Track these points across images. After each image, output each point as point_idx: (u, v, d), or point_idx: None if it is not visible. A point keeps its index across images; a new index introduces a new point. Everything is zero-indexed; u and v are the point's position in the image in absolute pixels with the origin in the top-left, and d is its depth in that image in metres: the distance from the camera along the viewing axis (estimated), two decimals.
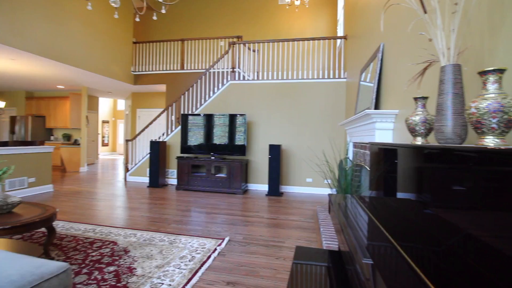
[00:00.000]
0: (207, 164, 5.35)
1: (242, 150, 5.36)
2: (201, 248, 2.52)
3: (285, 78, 5.65)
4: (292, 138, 5.50)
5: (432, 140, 1.34)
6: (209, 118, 5.55)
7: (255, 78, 5.89)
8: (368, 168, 2.30)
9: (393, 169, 1.27)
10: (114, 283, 1.88)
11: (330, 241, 2.47)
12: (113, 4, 3.00)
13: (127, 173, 6.30)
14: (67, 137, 8.83)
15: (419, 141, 1.30)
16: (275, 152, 5.03)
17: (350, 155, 3.70)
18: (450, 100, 0.97)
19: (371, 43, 3.09)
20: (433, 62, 1.22)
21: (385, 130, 2.25)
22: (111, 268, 2.09)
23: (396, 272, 0.68)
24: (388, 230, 0.94)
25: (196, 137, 5.62)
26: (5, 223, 1.90)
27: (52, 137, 8.94)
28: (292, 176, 5.50)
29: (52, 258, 2.21)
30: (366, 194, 2.41)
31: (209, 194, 5.06)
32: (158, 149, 5.56)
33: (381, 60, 2.56)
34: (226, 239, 2.79)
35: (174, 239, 2.72)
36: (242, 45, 6.11)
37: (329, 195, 1.73)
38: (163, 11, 3.30)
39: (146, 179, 6.11)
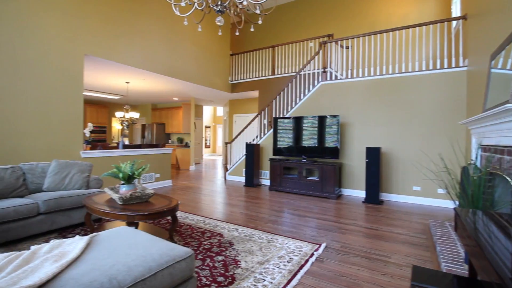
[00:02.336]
0: (298, 166, 5.37)
1: (335, 152, 5.14)
2: (298, 251, 2.54)
3: (384, 73, 5.10)
4: (394, 140, 4.91)
5: None
6: (299, 121, 5.56)
7: (349, 76, 5.55)
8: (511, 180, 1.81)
9: None
10: (223, 271, 2.11)
11: (452, 264, 2.07)
12: (218, 23, 3.38)
13: (226, 173, 6.98)
14: (180, 140, 10.49)
15: None
16: (374, 155, 4.59)
17: (477, 161, 3.01)
18: None
19: (509, 19, 2.43)
20: None
21: None
22: (220, 258, 2.35)
23: None
24: None
25: (287, 140, 5.73)
26: (145, 210, 2.40)
27: (169, 141, 10.82)
28: (394, 182, 4.90)
29: (175, 243, 2.65)
30: (507, 211, 1.90)
31: (301, 197, 5.06)
32: (252, 151, 5.95)
33: None
34: (323, 245, 2.71)
35: (271, 238, 2.83)
36: (333, 43, 5.88)
37: (456, 209, 1.45)
38: (260, 22, 3.51)
39: (242, 179, 6.63)
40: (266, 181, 6.27)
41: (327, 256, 2.50)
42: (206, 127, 15.16)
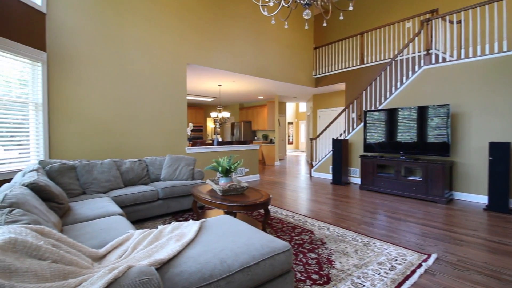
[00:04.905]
0: (395, 164, 4.79)
1: (443, 149, 4.35)
2: (401, 259, 2.26)
3: None
4: None
5: None
6: (394, 113, 4.94)
7: (461, 56, 4.58)
8: None
9: None
10: (317, 269, 2.07)
11: None
12: (305, 17, 3.32)
13: (312, 169, 6.86)
14: (265, 137, 10.91)
15: None
16: (501, 152, 3.67)
17: None
18: None
19: None
20: None
21: None
22: (312, 255, 2.32)
23: None
24: None
25: (380, 135, 5.19)
26: (241, 201, 2.59)
27: (255, 137, 11.39)
28: None
29: None
30: None
31: (398, 199, 4.51)
32: (340, 147, 5.64)
33: None
34: (433, 256, 2.34)
35: (367, 241, 2.62)
36: (439, 19, 4.96)
37: None
38: (351, 8, 3.27)
39: (328, 176, 6.39)
40: (355, 179, 5.86)
41: (439, 270, 2.14)
42: (289, 123, 15.28)
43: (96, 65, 4.01)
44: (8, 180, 2.97)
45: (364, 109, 5.99)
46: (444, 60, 4.92)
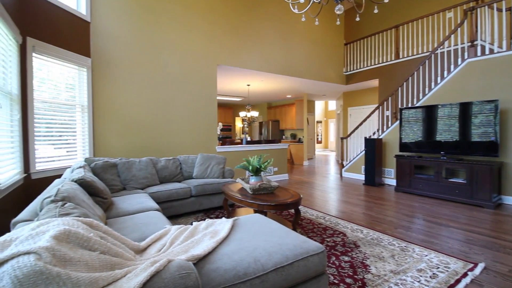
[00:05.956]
0: (435, 165, 4.48)
1: (491, 148, 3.98)
2: (443, 267, 2.11)
3: None
4: None
5: None
6: (433, 110, 4.62)
7: (511, 47, 4.14)
8: None
9: None
10: (351, 273, 2.00)
11: None
12: (337, 12, 3.22)
13: (342, 169, 6.66)
14: (293, 136, 10.80)
15: None
16: None
17: None
18: None
19: None
20: None
21: None
22: (346, 258, 2.25)
23: None
24: None
25: (417, 133, 4.88)
26: (272, 200, 2.59)
27: (283, 137, 11.33)
28: None
29: None
30: None
31: (439, 202, 4.22)
32: (373, 147, 5.41)
33: None
34: (481, 265, 2.15)
35: (405, 246, 2.48)
36: (485, 7, 4.54)
37: None
38: (386, 0, 3.11)
39: (360, 176, 6.16)
40: (390, 181, 5.58)
41: (487, 280, 1.96)
42: (318, 122, 14.97)
43: (133, 69, 4.25)
44: (58, 176, 3.26)
45: (399, 106, 5.68)
46: (491, 51, 4.49)
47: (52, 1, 3.24)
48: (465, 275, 1.99)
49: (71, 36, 3.51)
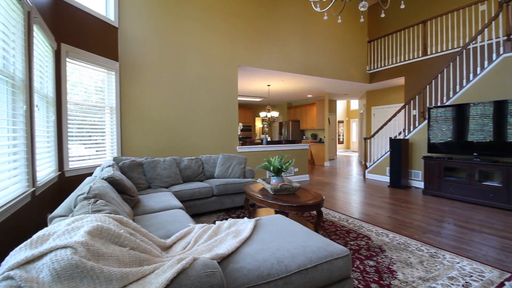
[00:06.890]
0: (467, 167, 4.22)
1: None
2: (477, 275, 1.98)
3: None
4: None
5: None
6: (464, 109, 4.35)
7: None
8: None
9: None
10: (376, 278, 1.94)
11: None
12: (361, 9, 3.13)
13: (366, 171, 6.46)
14: (314, 136, 10.64)
15: None
16: None
17: None
18: None
19: None
20: None
21: None
22: (371, 263, 2.18)
23: None
24: None
25: (447, 133, 4.63)
26: (293, 201, 2.56)
27: (304, 137, 11.20)
28: None
29: None
30: None
31: (471, 206, 3.97)
32: (399, 147, 5.20)
33: None
34: None
35: (435, 253, 2.36)
36: None
37: None
38: None
39: (384, 178, 5.95)
40: (417, 183, 5.33)
41: None
42: (339, 122, 14.65)
43: (157, 71, 4.39)
44: (89, 174, 3.44)
45: (428, 105, 5.41)
46: None
47: (84, 9, 3.43)
48: (502, 284, 1.86)
49: (101, 41, 3.70)
